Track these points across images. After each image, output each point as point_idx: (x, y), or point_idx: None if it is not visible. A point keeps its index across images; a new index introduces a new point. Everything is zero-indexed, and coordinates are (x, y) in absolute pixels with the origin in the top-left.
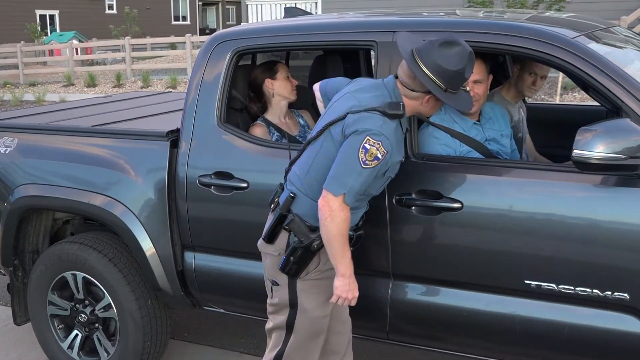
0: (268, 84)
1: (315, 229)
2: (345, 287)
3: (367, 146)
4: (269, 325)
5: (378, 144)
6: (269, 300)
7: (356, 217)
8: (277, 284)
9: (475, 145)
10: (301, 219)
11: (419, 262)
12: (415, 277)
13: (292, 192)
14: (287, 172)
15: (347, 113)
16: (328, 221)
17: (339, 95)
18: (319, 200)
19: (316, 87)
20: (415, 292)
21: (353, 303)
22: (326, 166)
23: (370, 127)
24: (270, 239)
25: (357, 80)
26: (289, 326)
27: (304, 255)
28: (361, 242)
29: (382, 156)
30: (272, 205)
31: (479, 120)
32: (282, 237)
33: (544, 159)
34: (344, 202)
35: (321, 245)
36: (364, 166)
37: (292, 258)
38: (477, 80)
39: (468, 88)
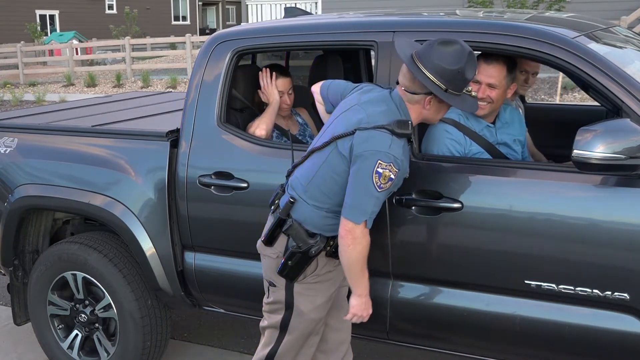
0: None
1: (313, 235)
2: (362, 306)
3: (380, 170)
4: (263, 323)
5: (390, 165)
6: (265, 299)
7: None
8: (275, 285)
9: (487, 146)
10: (300, 225)
11: (419, 262)
12: (416, 277)
13: (292, 197)
14: (289, 174)
15: (356, 129)
16: (350, 248)
17: (346, 105)
18: (340, 229)
19: (316, 89)
20: (415, 292)
21: (366, 319)
22: (330, 177)
23: (379, 148)
24: (269, 241)
25: (364, 87)
26: (284, 327)
27: (301, 260)
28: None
29: (395, 176)
30: (273, 207)
31: (494, 123)
32: (281, 241)
33: (541, 155)
34: (365, 228)
35: (319, 251)
36: (379, 190)
37: (289, 262)
38: (490, 84)
39: (474, 93)
